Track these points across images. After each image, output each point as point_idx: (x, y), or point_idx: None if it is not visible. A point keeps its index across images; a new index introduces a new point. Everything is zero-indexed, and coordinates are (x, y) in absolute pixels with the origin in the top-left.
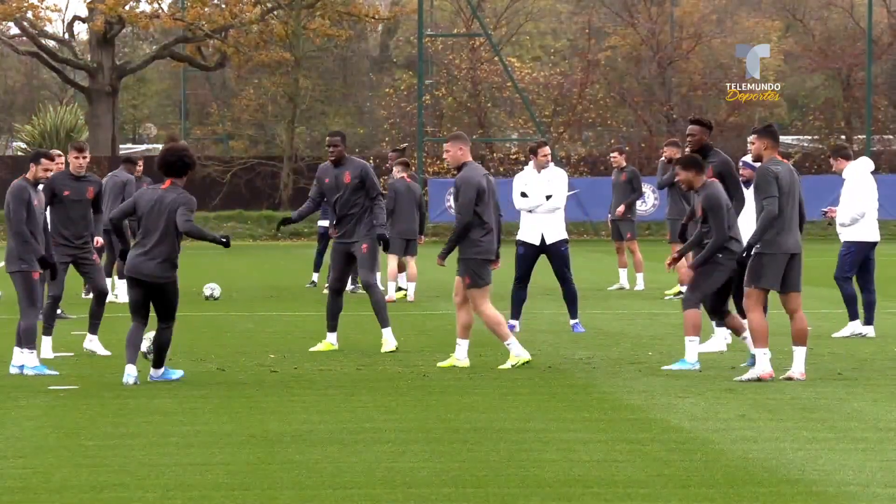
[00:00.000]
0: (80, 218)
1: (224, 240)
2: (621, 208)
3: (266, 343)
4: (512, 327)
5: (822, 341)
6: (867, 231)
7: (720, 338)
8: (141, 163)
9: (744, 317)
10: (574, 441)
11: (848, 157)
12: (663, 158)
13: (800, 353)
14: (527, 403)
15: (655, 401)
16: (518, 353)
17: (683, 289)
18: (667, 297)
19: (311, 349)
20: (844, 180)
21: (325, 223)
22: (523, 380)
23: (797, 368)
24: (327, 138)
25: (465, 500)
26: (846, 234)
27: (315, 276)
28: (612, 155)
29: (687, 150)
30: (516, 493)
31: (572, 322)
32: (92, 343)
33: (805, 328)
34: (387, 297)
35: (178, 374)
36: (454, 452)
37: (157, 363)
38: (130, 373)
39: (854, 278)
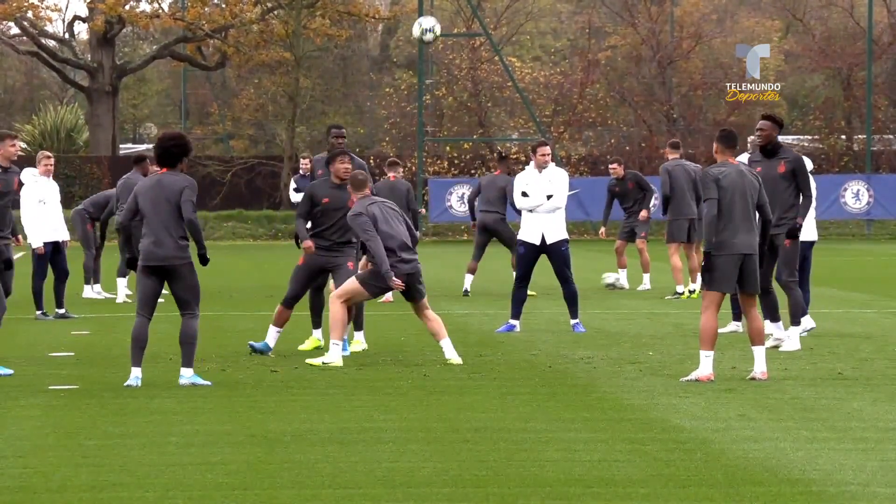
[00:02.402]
0: (6, 211)
1: (205, 258)
2: (644, 213)
3: None
4: (512, 327)
5: (822, 341)
6: (804, 231)
7: (793, 333)
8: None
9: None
10: (574, 441)
11: None
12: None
13: (759, 352)
14: (527, 403)
15: (656, 400)
16: (335, 360)
17: (680, 289)
18: (667, 298)
19: (301, 347)
20: None
21: None
22: (523, 380)
23: (759, 368)
24: (334, 130)
25: (465, 499)
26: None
27: None
28: (611, 167)
29: (758, 143)
30: (516, 492)
31: (573, 322)
32: None
33: (760, 327)
34: (384, 298)
35: (205, 382)
36: (454, 452)
37: (187, 361)
38: (136, 375)
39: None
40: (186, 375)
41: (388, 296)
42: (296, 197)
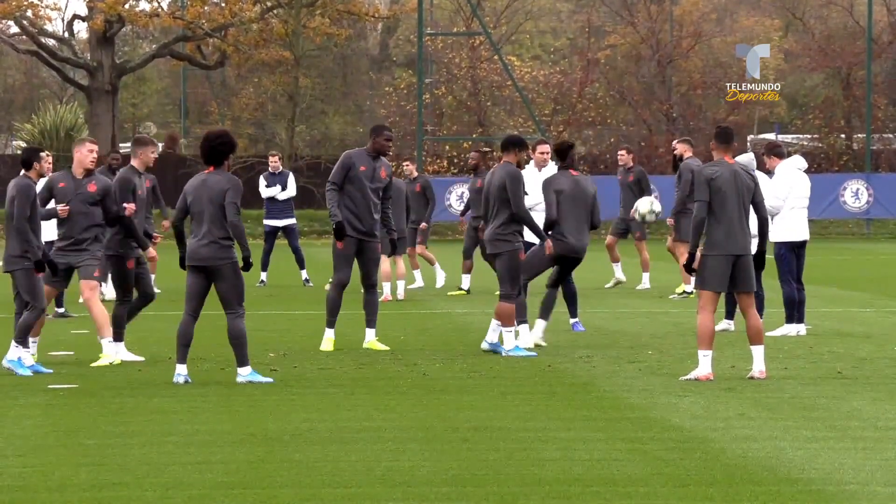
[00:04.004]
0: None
1: (248, 262)
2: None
3: (265, 342)
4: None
5: (821, 340)
6: (795, 230)
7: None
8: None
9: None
10: (573, 440)
11: (781, 156)
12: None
13: (757, 351)
14: (526, 402)
15: (655, 399)
16: (111, 354)
17: (688, 288)
18: (672, 297)
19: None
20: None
21: (270, 222)
22: (523, 378)
23: (757, 367)
24: (386, 132)
25: (464, 498)
26: (775, 235)
27: (264, 276)
28: (619, 153)
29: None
30: (516, 491)
31: (572, 321)
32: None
33: (759, 327)
34: (381, 298)
35: (264, 378)
36: (453, 451)
37: (240, 360)
38: (180, 372)
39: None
40: (244, 374)
41: (387, 294)
42: (266, 192)
